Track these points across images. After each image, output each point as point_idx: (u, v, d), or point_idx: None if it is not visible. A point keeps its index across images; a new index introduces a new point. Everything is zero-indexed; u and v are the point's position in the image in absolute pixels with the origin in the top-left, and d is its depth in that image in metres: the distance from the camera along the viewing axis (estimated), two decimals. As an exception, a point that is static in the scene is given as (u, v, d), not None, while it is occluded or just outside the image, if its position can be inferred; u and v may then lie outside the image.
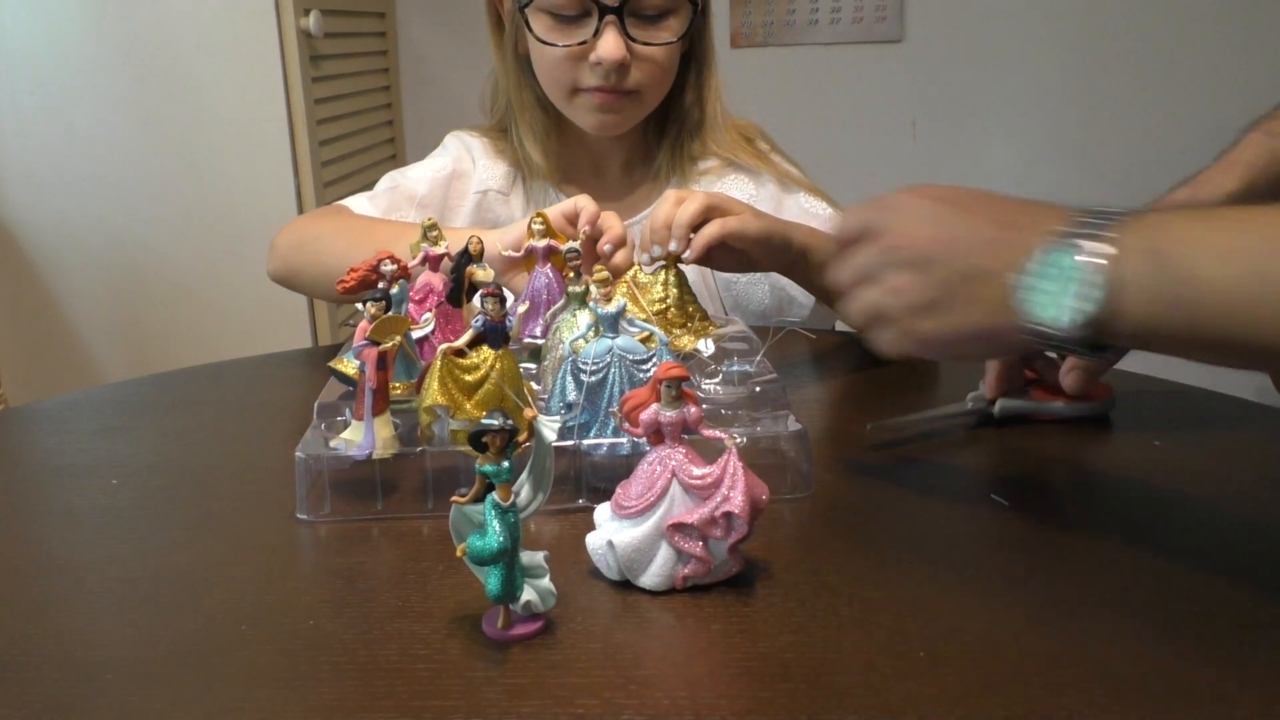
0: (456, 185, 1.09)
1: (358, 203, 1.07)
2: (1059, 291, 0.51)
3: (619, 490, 0.56)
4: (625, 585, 0.55)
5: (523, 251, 0.84)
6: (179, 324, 1.87)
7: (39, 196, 1.83)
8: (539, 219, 0.83)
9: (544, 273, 0.83)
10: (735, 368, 0.80)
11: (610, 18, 0.91)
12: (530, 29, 0.95)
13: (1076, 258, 0.50)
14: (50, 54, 1.76)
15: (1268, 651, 0.48)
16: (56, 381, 1.90)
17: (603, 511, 0.57)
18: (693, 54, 1.04)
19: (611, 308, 0.66)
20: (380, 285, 0.73)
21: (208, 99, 1.78)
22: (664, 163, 1.09)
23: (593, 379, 0.65)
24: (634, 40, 0.93)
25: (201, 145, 1.80)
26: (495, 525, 0.49)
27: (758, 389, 0.75)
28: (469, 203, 1.08)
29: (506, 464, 0.49)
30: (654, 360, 0.66)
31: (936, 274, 0.56)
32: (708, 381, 0.78)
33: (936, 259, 0.56)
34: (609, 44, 0.92)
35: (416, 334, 0.74)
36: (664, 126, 1.08)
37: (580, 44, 0.93)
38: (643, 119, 1.04)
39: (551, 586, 0.51)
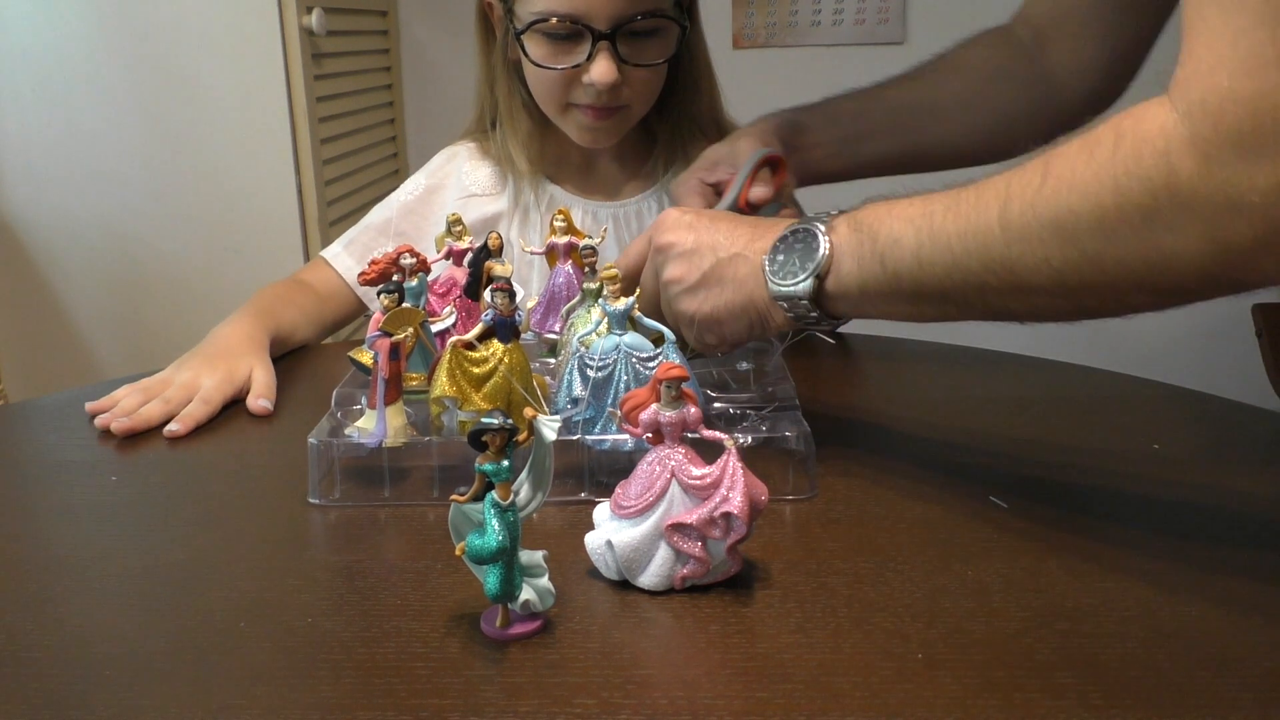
0: (434, 199, 1.13)
1: (333, 251, 1.11)
2: (795, 260, 0.65)
3: (618, 490, 0.56)
4: (624, 585, 0.55)
5: (544, 247, 0.85)
6: (179, 321, 1.86)
7: (40, 192, 1.83)
8: (560, 216, 0.84)
9: (564, 269, 0.84)
10: (745, 366, 0.81)
11: (603, 42, 0.94)
12: (526, 53, 0.98)
13: (804, 236, 0.66)
14: (52, 50, 1.76)
15: (1267, 652, 0.48)
16: (56, 377, 1.90)
17: (602, 511, 0.57)
18: (684, 59, 1.05)
19: (620, 305, 0.67)
20: (395, 278, 0.74)
21: (209, 96, 1.78)
22: (660, 162, 1.11)
23: (599, 375, 0.66)
24: (625, 62, 0.96)
25: (203, 142, 1.80)
26: (494, 524, 0.49)
27: (769, 388, 0.76)
28: (454, 210, 1.10)
29: (506, 463, 0.49)
30: (660, 359, 0.67)
31: (701, 261, 0.70)
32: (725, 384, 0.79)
33: (700, 250, 0.70)
34: (602, 68, 0.95)
35: (438, 326, 0.77)
36: (656, 128, 1.10)
37: (574, 67, 0.96)
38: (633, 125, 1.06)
39: (550, 586, 0.51)
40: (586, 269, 0.79)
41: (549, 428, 0.49)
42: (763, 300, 0.67)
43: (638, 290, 0.78)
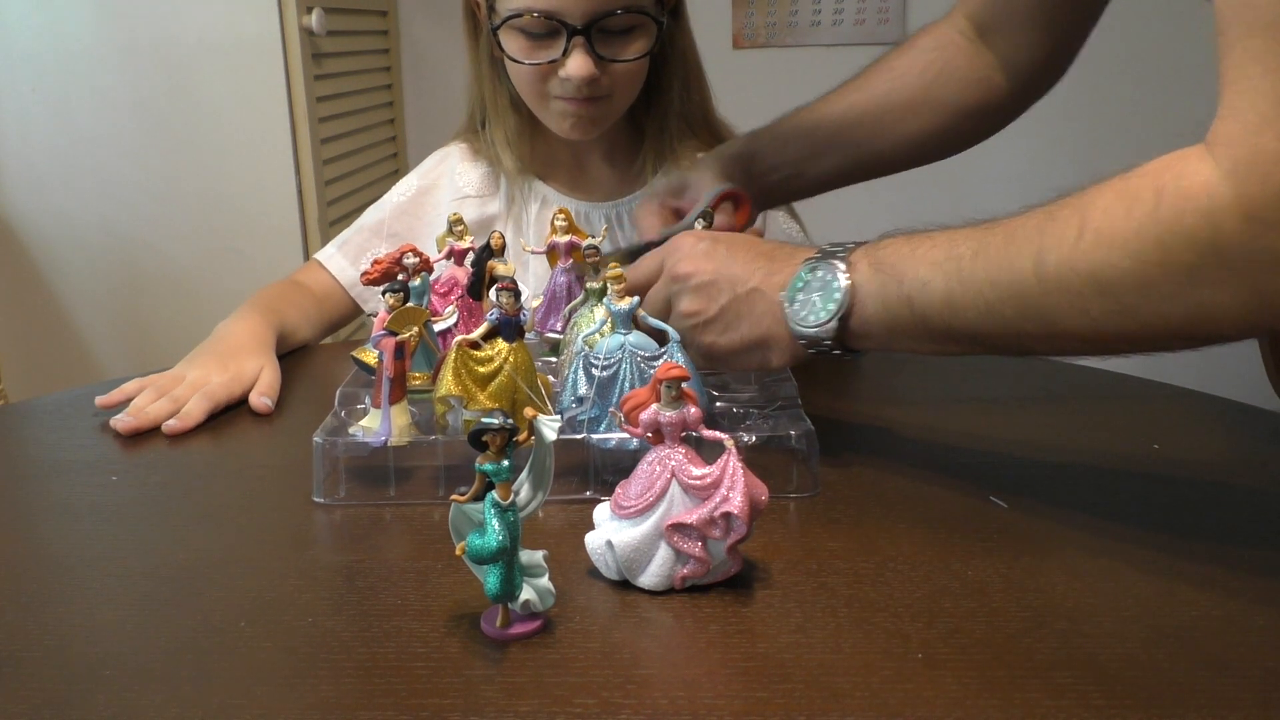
0: (426, 200, 1.13)
1: (327, 253, 1.12)
2: (815, 299, 0.65)
3: (618, 490, 0.56)
4: (624, 585, 0.55)
5: (545, 247, 0.85)
6: (179, 321, 1.86)
7: (40, 193, 1.83)
8: (561, 215, 0.84)
9: (564, 268, 0.84)
10: None
11: (578, 38, 0.94)
12: (502, 48, 0.98)
13: (823, 272, 0.65)
14: (52, 50, 1.76)
15: (1267, 653, 0.48)
16: (56, 377, 1.90)
17: (602, 511, 0.57)
18: (669, 56, 1.05)
19: (625, 304, 0.67)
20: (399, 277, 0.75)
21: (210, 96, 1.78)
22: (649, 161, 1.10)
23: (604, 374, 0.66)
24: (601, 58, 0.96)
25: (203, 143, 1.80)
26: (494, 524, 0.49)
27: (771, 387, 0.76)
28: (447, 212, 1.10)
29: (506, 462, 0.49)
30: (665, 358, 0.67)
31: (719, 296, 0.69)
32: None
33: (718, 283, 0.69)
34: (576, 64, 0.95)
35: (440, 326, 0.77)
36: (645, 124, 1.10)
37: (550, 62, 0.96)
38: (619, 117, 1.06)
39: (550, 586, 0.51)
40: (590, 269, 0.79)
41: (549, 427, 0.49)
42: (780, 336, 0.67)
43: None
